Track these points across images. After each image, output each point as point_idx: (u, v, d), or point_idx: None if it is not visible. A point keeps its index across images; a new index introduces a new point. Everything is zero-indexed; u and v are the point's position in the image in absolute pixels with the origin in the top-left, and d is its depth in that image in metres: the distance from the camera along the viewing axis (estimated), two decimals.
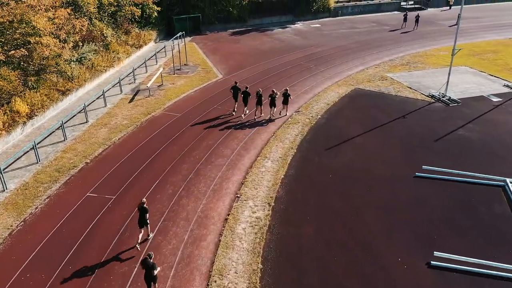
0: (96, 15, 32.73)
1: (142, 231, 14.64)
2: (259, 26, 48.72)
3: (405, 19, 47.63)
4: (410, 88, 28.92)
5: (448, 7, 59.10)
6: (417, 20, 46.77)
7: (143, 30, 39.55)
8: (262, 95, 23.97)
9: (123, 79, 29.94)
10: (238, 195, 17.19)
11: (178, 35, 38.09)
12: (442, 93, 27.39)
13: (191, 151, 20.70)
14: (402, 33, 44.98)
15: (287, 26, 48.87)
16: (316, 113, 24.97)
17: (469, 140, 21.73)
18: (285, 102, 24.17)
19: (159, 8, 40.17)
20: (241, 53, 37.92)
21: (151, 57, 35.40)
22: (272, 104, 23.85)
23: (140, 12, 37.50)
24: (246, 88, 24.64)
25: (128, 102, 26.90)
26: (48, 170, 19.08)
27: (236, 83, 25.00)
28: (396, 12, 56.29)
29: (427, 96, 27.56)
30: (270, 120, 24.28)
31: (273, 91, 23.99)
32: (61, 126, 21.83)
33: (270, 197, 17.05)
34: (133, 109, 25.87)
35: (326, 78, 31.17)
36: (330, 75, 31.87)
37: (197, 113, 25.10)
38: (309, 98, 27.46)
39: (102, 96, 26.32)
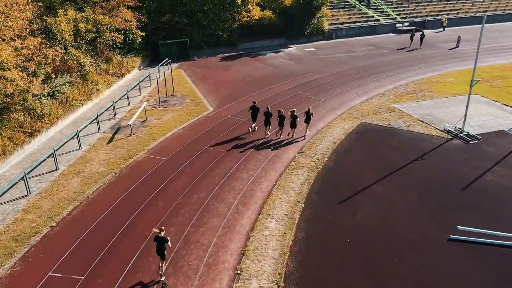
0: (72, 43, 29.55)
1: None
2: (250, 50, 46.07)
3: (411, 38, 47.64)
4: (422, 121, 26.17)
5: (442, 29, 57.39)
6: (421, 39, 46.82)
7: (126, 57, 36.47)
8: (284, 116, 23.42)
9: (101, 114, 26.66)
10: (239, 272, 13.89)
11: (164, 62, 35.13)
12: (459, 128, 24.68)
13: (179, 208, 17.39)
14: (403, 56, 42.69)
15: (280, 50, 46.31)
16: (322, 155, 21.94)
17: (501, 188, 18.85)
18: (307, 120, 23.75)
19: (143, 33, 37.25)
20: (233, 82, 35.00)
21: (134, 87, 32.25)
22: (293, 125, 23.50)
23: (122, 38, 34.51)
24: (267, 108, 23.78)
25: (107, 143, 23.56)
26: (3, 238, 15.55)
27: (254, 102, 24.64)
28: (391, 34, 54.33)
29: (442, 131, 24.80)
30: (291, 142, 21.52)
31: (293, 110, 23.63)
32: (23, 177, 18.37)
33: (279, 273, 13.77)
34: (112, 151, 22.52)
35: (327, 110, 28.32)
36: (332, 106, 29.05)
37: (186, 156, 21.87)
38: (312, 135, 24.47)
39: (76, 136, 22.94)
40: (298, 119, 23.39)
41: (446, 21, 57.11)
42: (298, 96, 31.11)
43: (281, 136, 23.82)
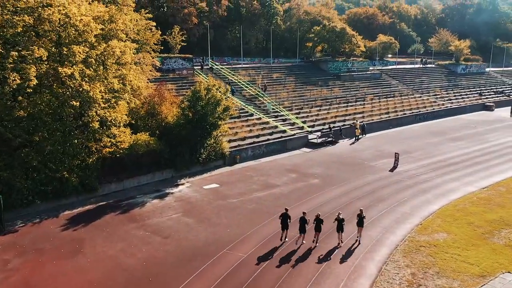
0: None
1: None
2: (119, 196, 29.17)
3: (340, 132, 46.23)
4: None
5: (355, 138, 48.30)
6: (363, 129, 48.47)
7: None
8: (322, 220, 21.41)
9: None
10: None
11: None
12: None
13: None
14: (345, 189, 30.29)
15: (167, 191, 30.37)
16: None
17: None
18: (360, 224, 21.77)
19: None
20: None
21: None
22: (340, 229, 21.38)
23: None
24: (304, 214, 21.58)
25: None
26: None
27: (286, 210, 21.85)
28: (306, 150, 42.98)
29: None
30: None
31: (339, 213, 21.74)
32: None
33: None
34: None
35: None
36: None
37: None
38: None
39: None
40: (344, 223, 21.43)
41: (359, 130, 48.47)
42: None
43: (317, 244, 21.56)
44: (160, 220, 25.10)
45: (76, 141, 28.19)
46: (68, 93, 26.62)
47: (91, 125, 28.03)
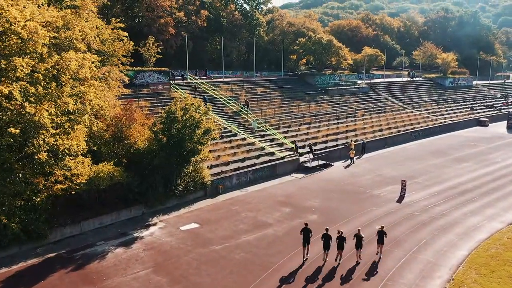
0: None
1: None
2: (74, 244, 23.46)
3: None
4: None
5: (350, 160, 43.60)
6: (363, 148, 45.68)
7: None
8: (345, 238, 20.95)
9: None
10: None
11: None
12: None
13: None
14: (352, 227, 25.29)
15: (135, 235, 24.84)
16: None
17: None
18: (381, 241, 21.24)
19: None
20: None
21: None
22: (359, 246, 20.95)
23: None
24: (327, 230, 21.20)
25: None
26: None
27: (306, 224, 21.41)
28: (298, 176, 37.99)
29: None
30: None
31: (358, 230, 21.32)
32: None
33: None
34: None
35: None
36: None
37: None
38: None
39: None
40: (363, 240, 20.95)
41: (354, 152, 43.78)
42: None
43: (341, 260, 21.05)
44: (123, 281, 19.52)
45: (20, 175, 22.53)
46: (5, 117, 20.99)
47: (37, 156, 22.31)
